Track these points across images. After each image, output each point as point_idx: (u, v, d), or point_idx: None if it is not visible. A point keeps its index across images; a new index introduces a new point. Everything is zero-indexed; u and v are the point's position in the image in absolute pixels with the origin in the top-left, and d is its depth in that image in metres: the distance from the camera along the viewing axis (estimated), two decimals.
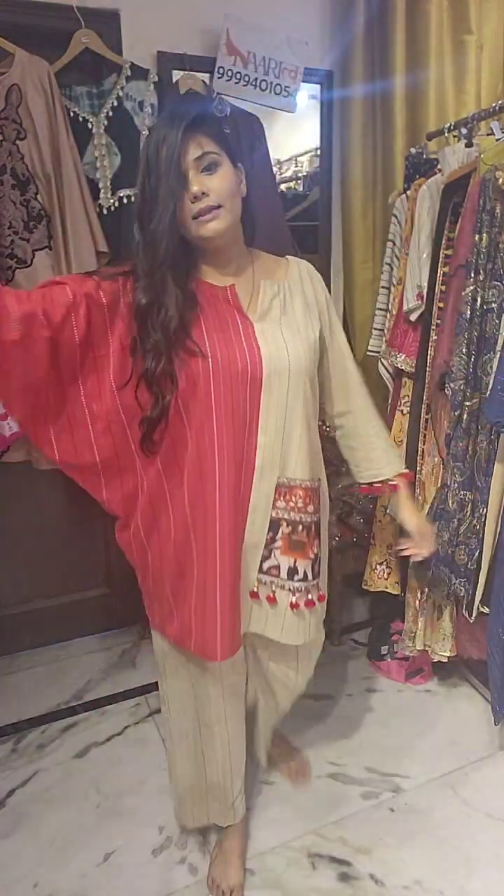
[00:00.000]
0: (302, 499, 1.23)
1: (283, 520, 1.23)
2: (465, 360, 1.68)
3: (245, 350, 1.15)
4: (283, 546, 1.23)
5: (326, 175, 2.37)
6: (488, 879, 1.53)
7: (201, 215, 1.10)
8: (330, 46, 2.25)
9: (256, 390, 1.17)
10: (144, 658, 2.35)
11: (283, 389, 1.18)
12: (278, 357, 1.17)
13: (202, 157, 1.09)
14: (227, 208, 1.12)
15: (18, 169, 1.78)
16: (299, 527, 1.23)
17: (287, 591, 1.25)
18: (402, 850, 1.60)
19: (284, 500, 1.22)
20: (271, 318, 1.20)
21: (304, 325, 1.22)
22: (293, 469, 1.22)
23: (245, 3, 2.00)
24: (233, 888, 1.48)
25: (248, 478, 1.20)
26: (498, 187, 1.58)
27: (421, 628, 1.98)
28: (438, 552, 1.83)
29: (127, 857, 1.59)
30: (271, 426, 1.19)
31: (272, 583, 1.25)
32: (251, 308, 1.20)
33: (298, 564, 1.24)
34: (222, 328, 1.16)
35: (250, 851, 1.59)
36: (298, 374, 1.19)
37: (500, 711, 1.75)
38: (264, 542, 1.23)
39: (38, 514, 2.29)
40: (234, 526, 1.20)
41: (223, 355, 1.14)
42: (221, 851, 1.55)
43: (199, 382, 1.13)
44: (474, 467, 1.75)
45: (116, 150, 1.89)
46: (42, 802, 1.75)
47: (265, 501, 1.22)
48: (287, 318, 1.22)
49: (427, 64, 2.17)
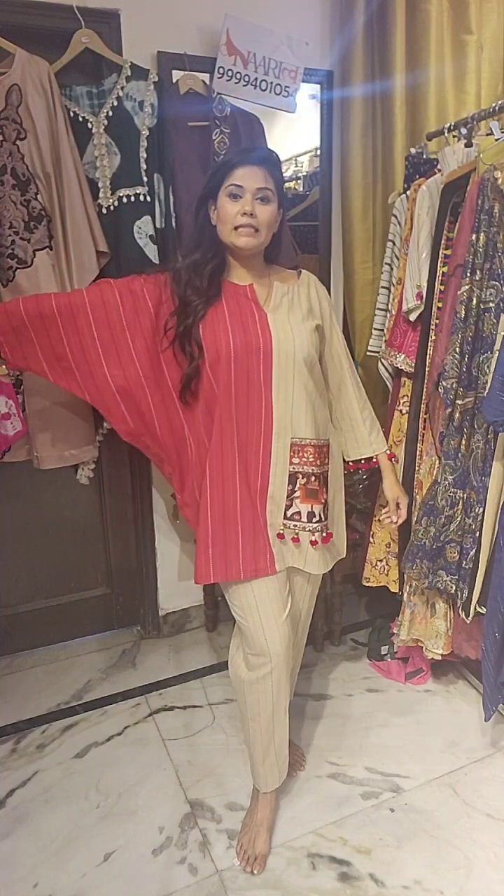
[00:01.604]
0: (312, 454, 1.50)
1: (299, 473, 1.50)
2: (458, 358, 1.69)
3: (259, 333, 1.45)
4: (301, 495, 1.50)
5: (326, 175, 2.37)
6: (488, 879, 1.53)
7: (241, 228, 1.41)
8: (330, 46, 2.25)
9: (269, 365, 1.46)
10: (144, 658, 2.35)
11: (289, 366, 1.47)
12: (286, 340, 1.46)
13: (262, 188, 1.41)
14: (262, 233, 1.45)
15: (19, 169, 1.78)
16: (312, 477, 1.51)
17: (307, 531, 1.51)
18: (402, 850, 1.60)
19: (298, 457, 1.50)
20: (281, 311, 1.50)
21: (306, 319, 1.52)
22: (303, 430, 1.49)
23: (245, 3, 2.00)
24: (258, 856, 1.57)
25: (267, 437, 1.48)
26: (496, 187, 1.58)
27: (407, 619, 1.99)
28: (424, 546, 1.84)
29: (127, 857, 1.59)
30: (281, 395, 1.47)
31: (295, 526, 1.51)
32: (266, 303, 1.51)
33: (315, 508, 1.51)
34: (242, 315, 1.47)
35: None
36: (301, 355, 1.47)
37: (490, 708, 1.76)
38: (286, 493, 1.50)
39: (38, 514, 2.29)
40: (248, 476, 1.48)
41: (241, 333, 1.44)
42: (253, 822, 1.63)
43: (222, 352, 1.44)
44: (469, 466, 1.75)
45: (116, 149, 1.89)
46: (42, 802, 1.75)
47: (283, 457, 1.49)
48: (293, 311, 1.51)
49: (427, 64, 2.17)
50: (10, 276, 1.83)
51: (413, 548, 1.87)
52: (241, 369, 1.45)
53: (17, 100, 1.73)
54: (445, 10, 2.18)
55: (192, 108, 1.98)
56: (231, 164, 1.42)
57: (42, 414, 1.93)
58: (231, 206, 1.41)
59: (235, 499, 1.49)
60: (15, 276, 1.83)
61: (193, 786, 1.79)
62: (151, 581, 2.43)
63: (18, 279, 1.83)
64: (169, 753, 1.91)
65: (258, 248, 1.47)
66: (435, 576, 1.85)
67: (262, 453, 1.49)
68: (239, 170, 1.41)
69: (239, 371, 1.45)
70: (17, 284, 1.83)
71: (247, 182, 1.40)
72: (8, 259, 1.82)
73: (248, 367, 1.45)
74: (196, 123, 1.99)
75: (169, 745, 1.94)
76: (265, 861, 1.57)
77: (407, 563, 1.90)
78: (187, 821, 1.69)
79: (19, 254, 1.83)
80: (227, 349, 1.44)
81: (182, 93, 1.98)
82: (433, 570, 1.84)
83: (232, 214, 1.41)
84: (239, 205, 1.41)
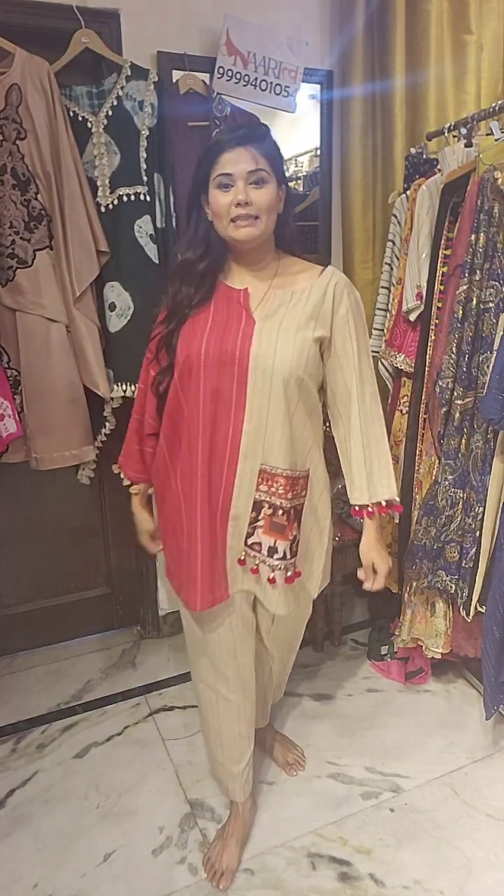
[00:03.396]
0: (283, 486, 1.33)
1: (265, 502, 1.34)
2: (454, 358, 1.69)
3: (238, 343, 1.28)
4: (264, 526, 1.35)
5: (326, 175, 2.37)
6: (488, 879, 1.53)
7: (239, 220, 1.25)
8: (330, 46, 2.25)
9: (243, 381, 1.28)
10: (144, 658, 2.35)
11: (266, 385, 1.28)
12: (265, 355, 1.27)
13: (254, 171, 1.23)
14: (263, 220, 1.27)
15: (19, 169, 1.78)
16: (279, 511, 1.34)
17: (268, 566, 1.36)
18: (402, 850, 1.60)
19: (267, 485, 1.33)
20: (274, 320, 1.29)
21: (303, 330, 1.28)
22: (275, 458, 1.31)
23: (245, 3, 2.00)
24: (224, 871, 1.53)
25: (233, 458, 1.32)
26: (496, 187, 1.58)
27: (408, 619, 1.99)
28: (425, 546, 1.84)
29: (127, 857, 1.59)
30: (254, 416, 1.29)
31: (255, 557, 1.37)
32: (258, 309, 1.31)
33: (278, 544, 1.35)
34: (227, 322, 1.30)
35: (251, 851, 1.60)
36: (281, 374, 1.27)
37: (491, 707, 1.76)
38: (248, 518, 1.35)
39: (38, 514, 2.29)
40: (211, 498, 1.33)
41: (217, 342, 1.28)
42: (223, 834, 1.60)
43: (193, 360, 1.30)
44: (469, 466, 1.75)
45: (116, 149, 1.89)
46: (42, 802, 1.75)
47: (249, 481, 1.33)
48: (289, 320, 1.29)
49: (427, 64, 2.17)
50: (11, 276, 1.83)
51: (413, 548, 1.87)
52: (210, 382, 1.29)
53: (16, 99, 1.73)
54: (445, 10, 2.18)
55: (192, 108, 1.98)
56: (215, 152, 1.25)
57: (41, 415, 1.93)
58: (223, 197, 1.25)
59: (196, 523, 1.34)
60: (15, 275, 1.83)
61: (193, 786, 1.79)
62: (151, 581, 2.43)
63: (18, 279, 1.83)
64: (169, 753, 1.91)
65: (262, 237, 1.29)
66: (434, 576, 1.85)
67: (226, 473, 1.32)
68: (224, 155, 1.24)
69: (208, 384, 1.29)
70: (17, 284, 1.83)
71: (235, 167, 1.23)
72: (8, 259, 1.82)
73: (218, 380, 1.28)
74: (196, 123, 1.99)
75: (169, 745, 1.94)
76: (232, 876, 1.52)
77: (407, 564, 1.90)
78: (187, 821, 1.69)
79: (19, 253, 1.83)
80: (198, 358, 1.29)
81: (182, 93, 1.98)
82: (433, 570, 1.84)
83: (225, 207, 1.25)
84: (231, 194, 1.24)
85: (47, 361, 1.90)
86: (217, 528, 1.35)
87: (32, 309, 1.85)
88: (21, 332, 1.87)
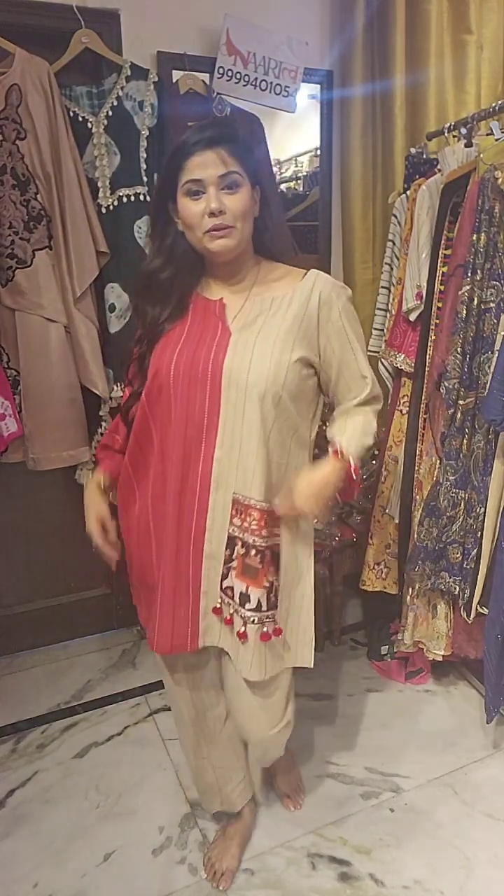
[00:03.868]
0: (257, 520, 1.18)
1: (238, 538, 1.20)
2: (459, 359, 1.69)
3: (211, 358, 1.16)
4: (237, 568, 1.20)
5: (326, 175, 2.37)
6: (488, 879, 1.53)
7: (214, 231, 1.13)
8: (330, 46, 2.25)
9: (216, 398, 1.16)
10: (144, 658, 2.35)
11: (240, 402, 1.15)
12: (239, 368, 1.15)
13: (225, 175, 1.12)
14: (239, 228, 1.15)
15: (18, 169, 1.78)
16: (252, 550, 1.18)
17: (240, 617, 1.20)
18: (402, 850, 1.60)
19: (240, 518, 1.19)
20: (251, 331, 1.18)
21: (280, 345, 1.16)
22: (249, 487, 1.18)
23: (245, 3, 2.00)
24: (224, 871, 1.52)
25: (204, 486, 1.19)
26: (497, 187, 1.58)
27: (411, 623, 1.99)
28: (426, 547, 1.84)
29: (127, 857, 1.59)
30: (227, 439, 1.17)
31: (230, 604, 1.22)
32: (236, 320, 1.20)
33: (251, 592, 1.19)
34: (202, 335, 1.19)
35: (251, 851, 1.60)
36: (256, 389, 1.14)
37: (493, 710, 1.75)
38: (223, 557, 1.21)
39: (38, 514, 2.29)
40: (181, 530, 1.21)
41: (188, 357, 1.17)
42: (224, 835, 1.59)
43: (162, 377, 1.19)
44: (470, 466, 1.75)
45: (116, 149, 1.89)
46: (42, 802, 1.75)
47: (222, 514, 1.20)
48: (267, 330, 1.17)
49: (427, 64, 2.18)
50: (10, 276, 1.83)
51: (416, 549, 1.87)
52: (180, 400, 1.17)
53: (16, 100, 1.74)
54: (445, 10, 2.18)
55: (192, 108, 1.99)
56: (181, 156, 1.13)
57: (38, 416, 1.93)
58: (194, 206, 1.13)
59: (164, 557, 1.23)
60: (14, 275, 1.83)
61: (193, 786, 1.79)
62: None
63: (18, 279, 1.83)
64: (169, 753, 1.91)
65: (239, 246, 1.17)
66: (437, 577, 1.84)
67: (198, 504, 1.20)
68: (192, 160, 1.12)
69: (178, 402, 1.17)
70: (16, 284, 1.83)
71: (205, 173, 1.11)
72: (7, 259, 1.82)
73: (189, 397, 1.16)
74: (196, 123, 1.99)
75: (169, 745, 1.94)
76: (232, 876, 1.52)
77: (409, 565, 1.90)
78: (187, 821, 1.69)
79: (19, 253, 1.83)
80: (167, 374, 1.17)
81: (182, 93, 1.98)
82: (435, 571, 1.84)
83: (197, 216, 1.13)
84: (202, 202, 1.12)
85: (46, 361, 1.90)
86: (188, 565, 1.22)
87: (31, 309, 1.85)
88: (20, 333, 1.87)
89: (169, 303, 1.22)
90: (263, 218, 1.23)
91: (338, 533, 2.24)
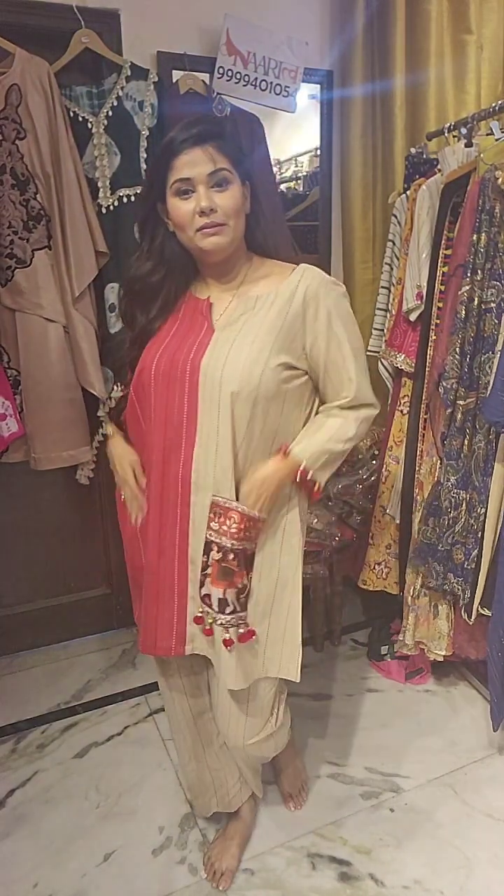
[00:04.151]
0: (237, 523, 1.14)
1: (214, 543, 1.16)
2: (458, 359, 1.69)
3: (190, 357, 1.16)
4: (213, 574, 1.16)
5: (326, 175, 2.37)
6: (488, 879, 1.53)
7: (206, 229, 1.13)
8: (330, 46, 2.25)
9: (194, 397, 1.15)
10: (144, 658, 2.35)
11: (215, 400, 1.14)
12: (214, 366, 1.14)
13: (215, 172, 1.12)
14: (231, 226, 1.15)
15: (18, 169, 1.78)
16: (230, 554, 1.15)
17: (220, 625, 1.18)
18: (402, 850, 1.60)
19: (218, 522, 1.15)
20: (233, 329, 1.17)
21: (259, 344, 1.14)
22: (228, 489, 1.16)
23: (245, 3, 2.00)
24: (224, 871, 1.52)
25: (185, 488, 1.18)
26: (497, 187, 1.58)
27: (412, 624, 1.99)
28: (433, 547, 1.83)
29: (127, 857, 1.59)
30: (203, 439, 1.16)
31: (208, 613, 1.19)
32: (221, 319, 1.20)
33: (228, 594, 1.17)
34: (186, 334, 1.19)
35: (251, 851, 1.59)
36: (230, 387, 1.12)
37: (498, 717, 1.74)
38: (200, 563, 1.19)
39: (38, 514, 2.29)
40: (163, 533, 1.21)
41: (169, 356, 1.18)
42: (224, 835, 1.60)
43: (144, 376, 1.20)
44: (471, 467, 1.75)
45: (116, 149, 1.89)
46: (42, 802, 1.75)
47: (201, 518, 1.18)
48: (248, 328, 1.16)
49: (427, 64, 2.17)
50: (9, 276, 1.83)
51: (422, 546, 1.86)
52: (160, 399, 1.17)
53: (16, 99, 1.74)
54: (445, 10, 2.18)
55: (192, 108, 1.99)
56: (169, 155, 1.12)
57: (39, 415, 1.93)
58: (184, 205, 1.13)
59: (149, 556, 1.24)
60: (14, 275, 1.83)
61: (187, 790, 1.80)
62: None
63: (17, 278, 1.83)
64: (169, 753, 1.91)
65: (232, 244, 1.17)
66: (444, 579, 1.84)
67: (180, 507, 1.19)
68: (179, 159, 1.11)
69: (159, 401, 1.17)
70: (15, 284, 1.83)
71: (194, 171, 1.11)
72: (6, 259, 1.82)
73: (168, 396, 1.16)
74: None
75: (169, 745, 1.93)
76: (232, 876, 1.52)
77: (416, 560, 1.89)
78: (187, 821, 1.69)
79: (18, 253, 1.83)
80: (149, 373, 1.18)
81: (182, 93, 1.98)
82: (443, 573, 1.83)
83: (188, 216, 1.12)
84: (192, 201, 1.12)
85: (45, 361, 1.90)
86: (173, 570, 1.21)
87: (31, 309, 1.86)
88: (20, 332, 1.87)
89: (158, 305, 1.22)
90: (255, 214, 1.22)
91: (338, 533, 2.23)
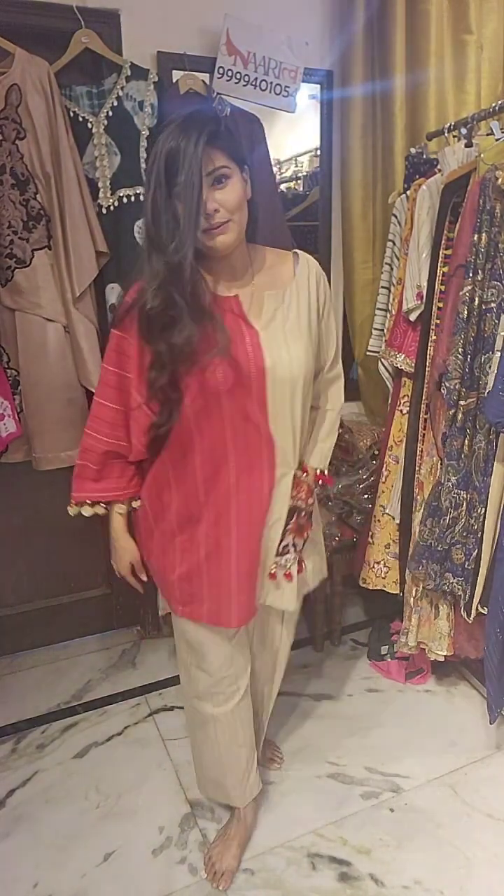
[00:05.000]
0: (306, 491, 1.38)
1: (296, 507, 1.37)
2: (461, 359, 1.69)
3: (251, 359, 1.21)
4: (293, 529, 1.38)
5: (326, 175, 2.37)
6: (488, 879, 1.53)
7: (211, 230, 1.14)
8: (330, 46, 2.25)
9: (263, 395, 1.23)
10: (144, 658, 2.35)
11: (286, 393, 1.25)
12: (281, 364, 1.23)
13: (214, 171, 1.12)
14: (236, 220, 1.17)
15: (18, 169, 1.78)
16: (302, 513, 1.38)
17: (282, 566, 1.39)
18: (402, 850, 1.60)
19: (296, 490, 1.36)
20: (275, 326, 1.24)
21: (304, 330, 1.27)
22: (295, 463, 1.35)
23: (245, 3, 2.00)
24: (224, 871, 1.53)
25: (270, 475, 1.30)
26: (497, 187, 1.58)
27: (415, 625, 1.99)
28: (430, 546, 1.84)
29: (127, 857, 1.59)
30: (281, 428, 1.28)
31: (278, 564, 1.38)
32: (253, 315, 1.23)
33: (296, 541, 1.39)
34: (230, 338, 1.19)
35: (251, 851, 1.60)
36: (299, 378, 1.26)
37: (495, 711, 1.75)
38: (282, 529, 1.36)
39: (38, 515, 2.29)
40: (251, 520, 1.32)
41: (230, 362, 1.19)
42: (224, 835, 1.60)
43: (210, 392, 1.20)
44: (471, 467, 1.75)
45: (116, 149, 1.89)
46: (42, 802, 1.75)
47: (285, 493, 1.34)
48: (289, 324, 1.26)
49: (427, 64, 2.17)
50: (9, 276, 1.83)
51: (419, 548, 1.87)
52: (230, 404, 1.22)
53: (16, 99, 1.74)
54: (445, 10, 2.18)
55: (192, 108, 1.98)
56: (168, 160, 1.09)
57: (39, 415, 1.93)
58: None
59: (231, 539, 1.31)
60: (13, 275, 1.83)
61: (193, 786, 1.79)
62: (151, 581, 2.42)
63: (17, 278, 1.83)
64: (169, 753, 1.91)
65: (238, 239, 1.18)
66: (442, 578, 1.84)
67: (265, 492, 1.31)
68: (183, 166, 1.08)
69: (230, 405, 1.22)
70: (15, 284, 1.83)
71: None
72: (6, 259, 1.82)
73: (236, 399, 1.22)
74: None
75: (169, 745, 1.94)
76: (232, 877, 1.53)
77: (412, 564, 1.90)
78: (187, 821, 1.69)
79: (18, 253, 1.83)
80: (214, 384, 1.19)
81: (182, 93, 1.98)
82: (440, 573, 1.84)
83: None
84: None
85: (45, 361, 1.90)
86: (255, 540, 1.34)
87: (30, 309, 1.86)
88: (20, 332, 1.87)
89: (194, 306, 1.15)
90: (253, 201, 1.23)
91: (338, 533, 2.24)
